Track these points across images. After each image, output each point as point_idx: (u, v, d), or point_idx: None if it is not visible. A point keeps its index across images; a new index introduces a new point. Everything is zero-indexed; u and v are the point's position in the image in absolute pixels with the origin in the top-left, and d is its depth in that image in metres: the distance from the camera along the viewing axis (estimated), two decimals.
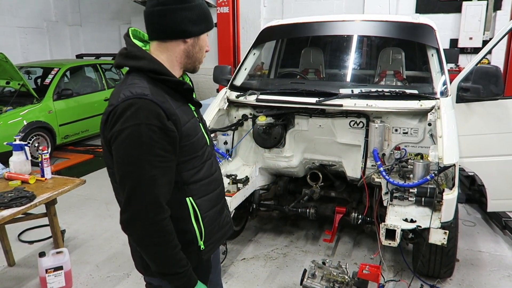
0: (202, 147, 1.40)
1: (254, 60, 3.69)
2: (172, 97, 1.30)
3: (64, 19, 11.03)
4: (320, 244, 3.57)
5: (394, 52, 3.91)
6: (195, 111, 1.44)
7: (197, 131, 1.38)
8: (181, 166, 1.32)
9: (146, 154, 1.19)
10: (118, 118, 1.20)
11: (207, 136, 1.47)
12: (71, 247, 3.53)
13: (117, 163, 1.23)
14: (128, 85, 1.26)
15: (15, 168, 2.99)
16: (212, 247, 1.49)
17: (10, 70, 5.79)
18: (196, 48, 1.36)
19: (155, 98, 1.22)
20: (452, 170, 2.44)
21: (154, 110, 1.20)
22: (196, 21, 1.32)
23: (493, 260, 3.29)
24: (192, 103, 1.42)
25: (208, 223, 1.43)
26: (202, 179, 1.40)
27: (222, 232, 1.54)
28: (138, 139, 1.18)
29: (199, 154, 1.38)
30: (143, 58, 1.30)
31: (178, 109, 1.29)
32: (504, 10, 7.31)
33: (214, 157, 1.52)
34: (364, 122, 2.92)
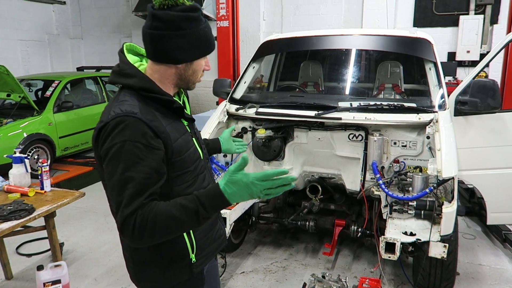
0: (194, 161, 1.41)
1: (253, 73, 3.72)
2: (163, 114, 1.32)
3: (65, 32, 11.14)
4: (319, 257, 3.55)
5: (392, 66, 3.94)
6: (188, 126, 1.45)
7: (188, 147, 1.38)
8: (173, 180, 1.34)
9: (130, 170, 1.19)
10: (108, 135, 1.23)
11: (201, 150, 1.48)
12: (69, 260, 3.51)
13: (106, 178, 1.25)
14: (119, 102, 1.28)
15: (14, 181, 2.99)
16: (204, 260, 1.49)
17: (11, 82, 5.82)
18: (188, 72, 1.37)
19: (143, 117, 1.24)
20: (451, 183, 2.44)
21: (141, 128, 1.22)
22: (188, 48, 1.31)
23: (493, 274, 3.27)
24: (184, 119, 1.42)
25: (199, 236, 1.45)
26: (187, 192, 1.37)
27: (215, 245, 1.54)
28: (123, 155, 1.20)
29: (191, 169, 1.39)
30: (134, 76, 1.32)
31: (169, 126, 1.31)
32: (500, 24, 7.41)
33: (207, 170, 1.52)
34: (363, 135, 2.93)
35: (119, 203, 1.19)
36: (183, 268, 1.41)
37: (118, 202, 1.20)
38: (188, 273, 1.43)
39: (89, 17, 11.09)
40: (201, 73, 1.40)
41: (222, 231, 1.60)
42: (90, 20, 11.10)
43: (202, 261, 1.47)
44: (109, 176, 1.22)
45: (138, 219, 1.17)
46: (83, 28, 11.25)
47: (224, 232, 1.63)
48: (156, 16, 1.28)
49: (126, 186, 1.19)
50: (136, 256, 1.43)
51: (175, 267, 1.41)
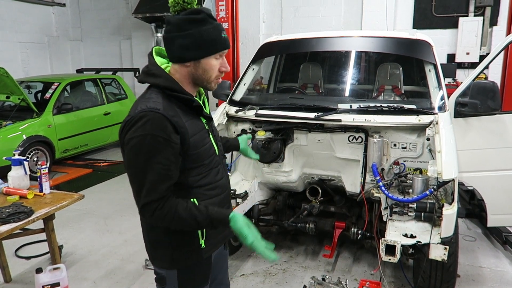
0: (209, 156, 1.54)
1: (253, 75, 3.71)
2: (183, 111, 1.46)
3: (65, 34, 11.14)
4: (319, 259, 3.54)
5: (392, 68, 3.94)
6: (207, 124, 1.58)
7: (204, 142, 1.52)
8: (188, 171, 1.48)
9: (149, 161, 1.35)
10: (131, 127, 1.37)
11: (217, 146, 1.61)
12: (68, 263, 3.50)
13: (125, 167, 1.42)
14: (145, 99, 1.43)
15: (13, 183, 2.98)
16: (213, 247, 1.62)
17: (11, 84, 5.82)
18: (199, 71, 1.47)
19: (166, 113, 1.38)
20: (451, 185, 2.44)
21: (162, 123, 1.36)
22: (191, 47, 1.42)
23: (494, 276, 3.26)
24: (203, 117, 1.56)
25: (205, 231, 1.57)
26: (206, 185, 1.54)
27: (225, 233, 1.68)
28: (143, 147, 1.35)
29: (206, 163, 1.53)
30: (159, 76, 1.47)
31: (188, 122, 1.44)
32: (500, 25, 7.42)
33: (221, 165, 1.65)
34: (363, 137, 2.93)
35: (140, 190, 1.37)
36: (192, 252, 1.55)
37: (138, 189, 1.38)
38: (196, 257, 1.57)
39: (89, 19, 11.09)
40: (215, 73, 1.49)
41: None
42: (89, 22, 11.10)
43: (211, 247, 1.60)
44: (129, 165, 1.40)
45: (158, 210, 1.37)
46: (83, 30, 11.25)
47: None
48: (167, 21, 1.45)
49: (146, 175, 1.35)
50: (151, 236, 1.58)
51: (184, 251, 1.54)
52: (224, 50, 1.48)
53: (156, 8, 9.20)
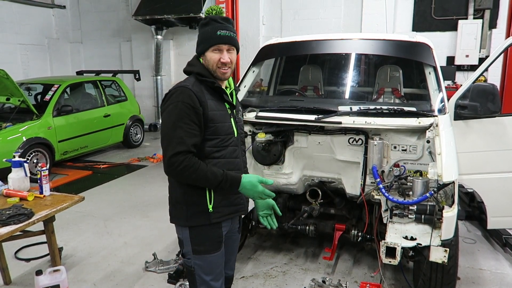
0: (226, 133, 1.88)
1: (253, 77, 3.72)
2: (210, 93, 1.85)
3: (65, 36, 11.16)
4: (320, 261, 3.54)
5: (392, 70, 3.95)
6: (230, 109, 1.94)
7: (223, 120, 1.87)
8: (205, 141, 1.83)
9: (179, 121, 1.74)
10: (168, 98, 1.82)
11: (236, 130, 1.95)
12: (68, 265, 3.50)
13: (161, 127, 1.85)
14: (182, 82, 1.86)
15: (13, 185, 2.98)
16: (221, 216, 1.90)
17: (11, 86, 5.82)
18: (206, 62, 1.89)
19: (193, 88, 1.80)
20: (452, 187, 2.44)
21: (190, 94, 1.77)
22: (198, 44, 1.91)
23: (494, 278, 3.26)
24: (227, 102, 1.92)
25: (218, 193, 1.87)
26: (220, 158, 1.87)
27: (233, 209, 1.96)
28: (175, 110, 1.76)
29: (222, 137, 1.87)
30: (194, 65, 1.92)
31: (210, 101, 1.83)
32: (499, 28, 7.44)
33: (240, 148, 1.99)
34: (363, 139, 2.93)
35: (170, 143, 1.73)
36: (201, 213, 1.87)
37: (168, 143, 1.73)
38: (205, 219, 1.87)
39: (89, 21, 11.11)
40: (217, 63, 1.85)
41: (242, 202, 2.01)
42: (89, 24, 11.12)
43: (219, 215, 1.89)
44: (164, 126, 1.79)
45: (185, 161, 1.71)
46: (83, 32, 11.27)
47: (245, 204, 2.04)
48: None
49: (176, 131, 1.73)
50: (171, 196, 1.96)
51: (195, 211, 1.87)
52: (218, 45, 1.83)
53: (156, 11, 9.22)
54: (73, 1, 11.08)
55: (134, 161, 7.26)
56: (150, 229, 4.26)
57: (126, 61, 10.97)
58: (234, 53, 1.90)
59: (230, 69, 1.89)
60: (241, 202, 2.01)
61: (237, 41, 1.90)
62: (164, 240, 3.98)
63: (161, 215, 4.59)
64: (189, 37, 10.14)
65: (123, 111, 7.98)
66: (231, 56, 1.87)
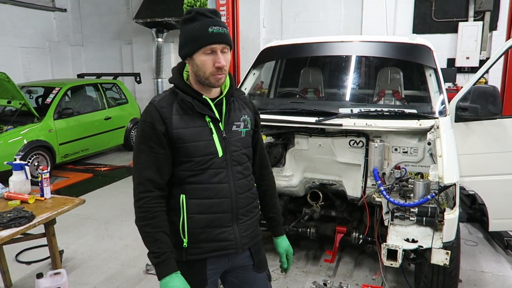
0: (203, 154, 1.53)
1: (254, 80, 3.72)
2: (183, 107, 1.53)
3: (66, 39, 11.18)
4: (321, 264, 3.53)
5: (392, 72, 3.95)
6: (211, 123, 1.56)
7: (197, 139, 1.52)
8: (178, 164, 1.54)
9: (141, 144, 1.51)
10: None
11: (221, 148, 1.56)
12: (69, 268, 3.49)
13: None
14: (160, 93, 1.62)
15: (14, 188, 2.98)
16: (198, 252, 1.57)
17: (12, 89, 5.83)
18: (194, 67, 1.52)
19: (157, 104, 1.52)
20: (453, 189, 2.43)
21: (152, 112, 1.51)
22: (182, 45, 1.52)
23: (496, 281, 3.25)
24: (209, 115, 1.55)
25: (192, 224, 1.56)
26: (196, 183, 1.54)
27: (216, 245, 1.58)
28: (139, 132, 1.53)
29: (197, 160, 1.53)
30: (172, 74, 1.61)
31: (180, 116, 1.51)
32: (500, 30, 7.44)
33: (231, 171, 1.59)
34: (364, 141, 2.93)
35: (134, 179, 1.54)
36: (177, 247, 1.56)
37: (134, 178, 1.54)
38: (180, 254, 1.57)
39: (90, 24, 11.13)
40: (209, 68, 1.48)
41: (232, 237, 1.61)
42: (90, 27, 11.14)
43: (194, 251, 1.57)
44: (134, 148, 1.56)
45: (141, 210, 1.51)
46: (84, 35, 11.29)
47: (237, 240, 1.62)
48: None
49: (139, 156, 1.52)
50: None
51: (174, 243, 1.55)
52: (212, 45, 1.46)
53: (156, 13, 9.24)
54: (74, 4, 11.10)
55: None
56: None
57: (127, 64, 10.98)
58: (229, 53, 1.53)
59: (225, 74, 1.52)
60: (229, 238, 1.60)
61: (230, 38, 1.54)
62: None
63: None
64: None
65: (124, 113, 7.99)
66: (226, 57, 1.50)
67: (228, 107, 1.61)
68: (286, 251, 1.85)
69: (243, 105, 1.68)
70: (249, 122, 1.66)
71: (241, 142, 1.63)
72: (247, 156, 1.67)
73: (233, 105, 1.63)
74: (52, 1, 10.82)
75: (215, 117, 1.56)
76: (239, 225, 1.62)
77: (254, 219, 1.70)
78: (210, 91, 1.57)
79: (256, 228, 1.71)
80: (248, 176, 1.67)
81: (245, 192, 1.64)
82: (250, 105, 1.72)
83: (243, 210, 1.63)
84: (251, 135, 1.68)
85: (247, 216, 1.65)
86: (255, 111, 1.72)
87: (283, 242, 1.86)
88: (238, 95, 1.69)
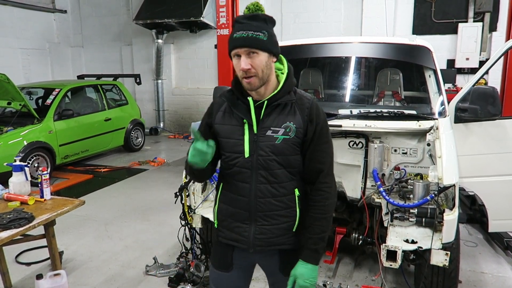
0: (231, 151, 1.63)
1: None
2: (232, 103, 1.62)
3: (66, 41, 11.20)
4: (320, 265, 3.53)
5: (392, 73, 3.94)
6: (248, 126, 1.59)
7: (230, 136, 1.62)
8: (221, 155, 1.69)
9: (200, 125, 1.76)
10: None
11: (248, 150, 1.59)
12: (69, 269, 3.49)
13: None
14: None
15: (14, 189, 2.98)
16: (222, 236, 1.72)
17: (12, 90, 5.84)
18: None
19: (220, 97, 1.68)
20: (452, 190, 2.43)
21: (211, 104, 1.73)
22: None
23: (496, 282, 3.25)
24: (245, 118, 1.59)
25: (219, 210, 1.72)
26: (227, 176, 1.68)
27: (233, 236, 1.69)
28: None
29: (226, 155, 1.65)
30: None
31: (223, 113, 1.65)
32: (499, 31, 7.45)
33: (254, 173, 1.60)
34: (364, 142, 2.93)
35: None
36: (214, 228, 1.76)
37: None
38: (215, 234, 1.77)
39: (90, 26, 11.15)
40: (239, 72, 1.54)
41: (246, 234, 1.66)
42: (90, 28, 11.16)
43: (221, 235, 1.73)
44: None
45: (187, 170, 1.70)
46: (84, 36, 11.31)
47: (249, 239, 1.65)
48: None
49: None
50: None
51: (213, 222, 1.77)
52: (234, 49, 1.51)
53: (156, 15, 9.25)
54: (74, 6, 11.12)
55: (135, 165, 7.26)
56: (151, 233, 4.26)
57: (127, 65, 11.00)
58: (259, 56, 1.49)
59: (256, 77, 1.50)
60: (243, 234, 1.66)
61: (262, 40, 1.49)
62: (164, 244, 3.97)
63: (162, 219, 4.58)
64: (189, 41, 10.17)
65: (124, 115, 7.99)
66: (253, 60, 1.49)
67: (268, 111, 1.58)
68: (295, 276, 1.61)
69: (295, 111, 1.60)
70: (293, 130, 1.57)
71: (272, 148, 1.58)
72: (279, 164, 1.59)
73: (277, 110, 1.59)
74: (52, 2, 10.84)
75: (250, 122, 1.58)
76: (256, 226, 1.64)
77: (276, 226, 1.64)
78: (259, 92, 1.58)
79: (279, 235, 1.65)
80: (274, 183, 1.61)
81: (266, 198, 1.61)
82: (307, 111, 1.60)
83: (262, 214, 1.63)
84: (294, 143, 1.58)
85: (267, 221, 1.63)
86: (309, 119, 1.59)
87: (298, 267, 1.61)
88: (290, 99, 1.59)
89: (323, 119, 1.64)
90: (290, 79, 1.63)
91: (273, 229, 1.64)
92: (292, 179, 1.63)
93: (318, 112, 1.63)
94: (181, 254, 3.39)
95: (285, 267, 1.69)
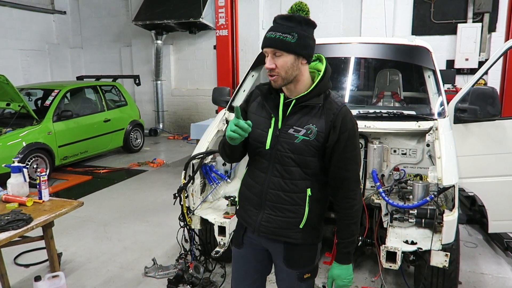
0: (256, 141, 1.71)
1: (252, 81, 3.72)
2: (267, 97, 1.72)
3: (65, 42, 11.19)
4: (320, 266, 3.51)
5: (391, 74, 3.95)
6: (274, 119, 1.68)
7: (258, 126, 1.70)
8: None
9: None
10: None
11: (270, 142, 1.67)
12: (67, 270, 3.48)
13: None
14: None
15: (12, 190, 2.97)
16: (239, 215, 1.88)
17: (11, 92, 5.83)
18: None
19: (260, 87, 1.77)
20: (452, 191, 2.43)
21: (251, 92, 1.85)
22: None
23: (496, 283, 3.24)
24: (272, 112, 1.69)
25: (240, 192, 1.86)
26: (250, 163, 1.82)
27: (244, 217, 1.83)
28: None
29: (251, 143, 1.74)
30: None
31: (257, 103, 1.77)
32: (499, 31, 7.45)
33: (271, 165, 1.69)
34: (363, 143, 2.92)
35: None
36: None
37: None
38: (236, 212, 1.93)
39: (89, 27, 11.15)
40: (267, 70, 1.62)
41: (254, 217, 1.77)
42: (90, 29, 11.16)
43: (239, 214, 1.88)
44: None
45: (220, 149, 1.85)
46: (83, 38, 11.30)
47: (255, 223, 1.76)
48: None
49: None
50: None
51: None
52: (264, 49, 1.60)
53: (156, 16, 9.25)
54: (73, 7, 11.12)
55: (134, 166, 7.25)
56: (150, 234, 4.25)
57: (126, 66, 10.99)
58: (284, 57, 1.55)
59: (279, 76, 1.58)
60: (251, 217, 1.77)
61: (288, 43, 1.54)
62: (163, 245, 3.96)
63: (161, 220, 4.57)
64: (189, 42, 10.17)
65: (123, 116, 7.99)
66: (277, 60, 1.56)
67: (295, 110, 1.64)
68: (332, 278, 1.80)
69: (322, 114, 1.62)
70: (314, 133, 1.60)
71: (290, 146, 1.64)
72: (295, 162, 1.64)
73: (304, 110, 1.63)
74: (51, 3, 10.84)
75: (275, 115, 1.67)
76: (264, 213, 1.74)
77: (281, 219, 1.71)
78: (289, 90, 1.66)
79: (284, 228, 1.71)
80: (287, 178, 1.67)
81: (277, 190, 1.69)
82: (332, 117, 1.61)
83: (271, 204, 1.72)
84: (313, 146, 1.62)
85: (274, 211, 1.72)
86: (333, 126, 1.60)
87: (334, 269, 1.79)
88: (317, 102, 1.62)
89: (350, 127, 1.63)
90: (324, 82, 1.67)
91: (278, 221, 1.72)
92: (306, 178, 1.68)
93: (346, 120, 1.62)
94: (180, 256, 3.38)
95: (288, 259, 1.78)
